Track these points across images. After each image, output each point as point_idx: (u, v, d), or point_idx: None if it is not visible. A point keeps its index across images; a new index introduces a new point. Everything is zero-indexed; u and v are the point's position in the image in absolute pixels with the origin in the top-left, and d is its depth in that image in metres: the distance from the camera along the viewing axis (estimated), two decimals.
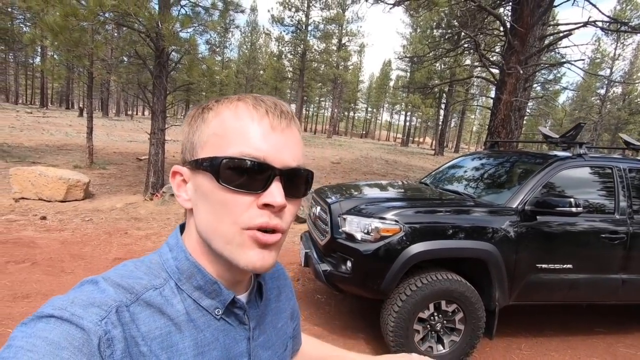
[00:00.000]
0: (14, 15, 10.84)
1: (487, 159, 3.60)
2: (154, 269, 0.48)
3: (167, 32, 5.08)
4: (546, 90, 29.24)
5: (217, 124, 0.46)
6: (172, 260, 0.49)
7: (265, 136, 0.45)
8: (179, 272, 0.48)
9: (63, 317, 0.38)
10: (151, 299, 0.44)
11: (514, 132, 9.61)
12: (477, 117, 59.77)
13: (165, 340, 0.44)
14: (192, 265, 0.48)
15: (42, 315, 0.38)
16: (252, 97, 0.48)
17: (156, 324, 0.44)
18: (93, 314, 0.39)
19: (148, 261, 0.49)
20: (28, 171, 5.94)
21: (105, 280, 0.44)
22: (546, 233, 2.59)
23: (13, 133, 13.63)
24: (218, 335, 0.49)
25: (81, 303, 0.40)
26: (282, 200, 0.45)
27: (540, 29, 9.74)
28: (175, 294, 0.47)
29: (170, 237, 0.52)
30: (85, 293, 0.42)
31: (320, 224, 2.89)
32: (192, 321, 0.47)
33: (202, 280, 0.48)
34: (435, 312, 2.47)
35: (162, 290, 0.46)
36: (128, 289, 0.44)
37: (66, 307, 0.39)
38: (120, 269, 0.47)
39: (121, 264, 0.48)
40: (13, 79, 45.96)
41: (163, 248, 0.51)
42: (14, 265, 3.55)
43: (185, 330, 0.46)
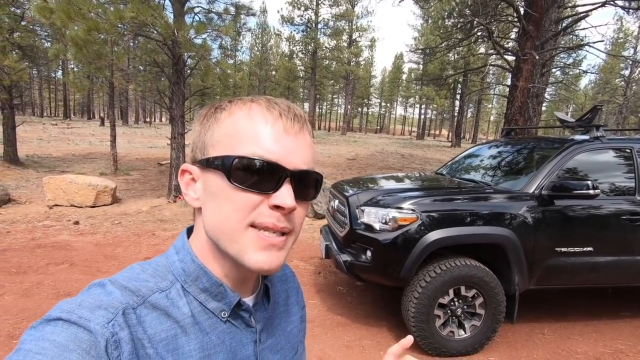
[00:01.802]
0: (38, 33, 11.39)
1: (503, 147, 3.60)
2: (161, 271, 0.48)
3: (183, 39, 5.27)
4: (566, 74, 28.31)
5: (229, 124, 0.46)
6: (179, 262, 0.49)
7: (278, 138, 0.45)
8: (185, 274, 0.48)
9: (71, 319, 0.38)
10: (157, 301, 0.45)
11: (532, 119, 9.43)
12: (495, 106, 58.38)
13: (171, 342, 0.44)
14: (198, 267, 0.48)
15: (50, 319, 0.39)
16: (265, 99, 0.48)
17: (162, 326, 0.44)
18: (100, 317, 0.39)
19: (155, 264, 0.49)
20: (59, 179, 6.28)
21: (112, 283, 0.44)
22: (564, 217, 2.60)
23: (41, 144, 14.31)
24: (224, 338, 0.49)
25: (88, 306, 0.40)
26: (292, 203, 0.45)
27: (556, 11, 9.49)
28: (181, 297, 0.47)
29: (177, 240, 0.52)
30: (93, 296, 0.42)
31: (339, 217, 2.99)
32: (198, 324, 0.47)
33: (207, 283, 0.48)
34: (455, 297, 2.52)
35: (168, 293, 0.46)
36: (135, 292, 0.44)
37: (74, 310, 0.39)
38: (127, 271, 0.48)
39: (128, 266, 0.49)
40: (37, 92, 47.98)
41: (170, 250, 0.51)
42: (54, 266, 3.81)
43: (191, 333, 0.46)
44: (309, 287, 3.65)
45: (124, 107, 35.94)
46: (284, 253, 0.48)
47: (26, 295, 3.17)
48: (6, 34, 8.68)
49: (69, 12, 4.61)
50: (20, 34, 10.10)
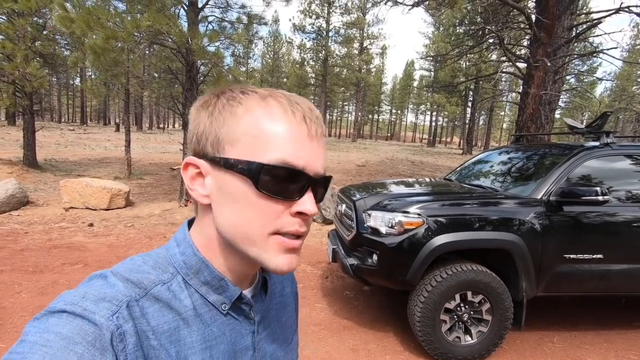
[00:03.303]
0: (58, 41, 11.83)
1: (512, 153, 3.60)
2: (162, 263, 0.48)
3: (197, 47, 5.42)
4: (580, 82, 27.87)
5: (250, 123, 0.45)
6: (180, 255, 0.49)
7: (304, 144, 0.45)
8: (187, 267, 0.48)
9: (75, 312, 0.38)
10: (159, 293, 0.45)
11: (545, 126, 9.31)
12: (507, 114, 57.71)
13: (173, 334, 0.44)
14: (200, 260, 0.48)
15: (54, 311, 0.38)
16: (285, 98, 0.47)
17: (165, 318, 0.44)
18: (105, 309, 0.39)
19: (155, 255, 0.49)
20: (75, 182, 6.47)
21: (114, 274, 0.44)
22: (573, 223, 2.58)
23: (59, 149, 14.73)
24: (224, 330, 0.49)
25: (92, 298, 0.40)
26: (315, 209, 0.46)
27: (569, 18, 9.42)
28: (182, 289, 0.47)
29: (178, 232, 0.52)
30: (96, 288, 0.42)
31: (346, 221, 3.02)
32: (199, 316, 0.47)
33: (209, 276, 0.48)
34: (462, 302, 2.52)
35: (169, 285, 0.46)
36: (137, 284, 0.44)
37: (78, 302, 0.39)
38: (128, 263, 0.47)
39: (129, 258, 0.49)
40: (56, 99, 49.47)
41: (170, 243, 0.51)
42: (69, 266, 3.92)
43: (192, 324, 0.46)
44: (316, 291, 3.67)
45: (138, 113, 36.75)
46: (299, 254, 0.49)
47: (42, 294, 3.27)
48: (29, 42, 9.02)
49: (89, 21, 4.80)
50: (42, 42, 10.50)
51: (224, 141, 0.45)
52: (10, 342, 2.56)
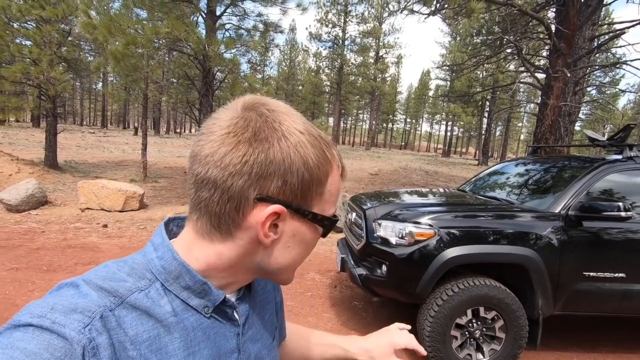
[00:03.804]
0: (82, 47, 12.29)
1: (529, 165, 3.49)
2: (138, 269, 0.46)
3: (213, 54, 5.51)
4: (602, 93, 27.16)
5: (332, 182, 0.49)
6: (158, 260, 0.46)
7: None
8: (166, 272, 0.46)
9: (43, 325, 0.35)
10: (137, 301, 0.43)
11: (564, 138, 9.08)
12: (525, 125, 56.67)
13: (154, 342, 0.42)
14: (180, 265, 0.46)
15: (19, 324, 0.36)
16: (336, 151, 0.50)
17: (144, 327, 0.42)
18: (75, 321, 0.37)
19: (131, 261, 0.47)
20: (92, 184, 6.61)
21: (87, 283, 0.42)
22: (593, 239, 2.47)
23: (79, 151, 15.16)
24: (208, 334, 0.48)
25: (62, 309, 0.37)
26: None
27: (590, 29, 9.21)
28: (162, 296, 0.45)
29: (155, 236, 0.50)
30: (66, 298, 0.39)
31: (356, 230, 2.97)
32: (181, 322, 0.45)
33: (190, 281, 0.46)
34: (474, 318, 2.43)
35: (147, 292, 0.44)
36: (112, 292, 0.42)
37: (45, 314, 0.36)
38: (101, 270, 0.45)
39: (102, 264, 0.47)
40: (79, 102, 51.17)
41: (147, 247, 0.49)
42: (82, 266, 3.98)
43: (174, 331, 0.44)
44: (324, 300, 3.61)
45: (156, 118, 37.64)
46: None
47: None
48: (54, 48, 9.36)
49: (110, 27, 4.94)
50: (66, 48, 10.90)
51: (312, 193, 0.47)
52: None
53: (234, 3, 6.52)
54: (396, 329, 0.77)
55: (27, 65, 8.85)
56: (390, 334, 0.75)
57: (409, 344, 0.73)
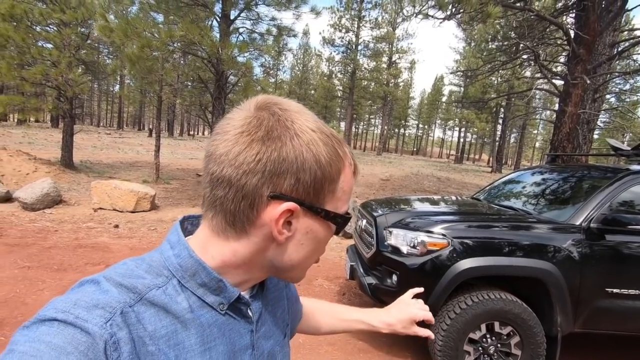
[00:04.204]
0: (101, 50, 12.59)
1: (547, 174, 3.37)
2: (155, 267, 0.47)
3: (227, 57, 5.54)
4: (622, 101, 26.46)
5: (344, 180, 0.49)
6: (174, 257, 0.48)
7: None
8: (182, 269, 0.47)
9: (67, 320, 0.37)
10: (155, 298, 0.44)
11: (582, 146, 8.83)
12: (540, 132, 55.62)
13: (171, 338, 0.44)
14: (196, 262, 0.47)
15: (44, 319, 0.37)
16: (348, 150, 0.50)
17: (162, 322, 0.43)
18: (97, 317, 0.38)
19: (149, 259, 0.48)
20: (105, 184, 6.70)
21: (107, 280, 0.43)
22: (617, 254, 2.35)
23: (94, 152, 15.46)
24: (223, 330, 0.49)
25: (84, 305, 0.39)
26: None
27: (611, 35, 8.98)
28: (179, 292, 0.46)
29: (171, 234, 0.51)
30: (88, 294, 0.41)
31: (366, 237, 2.90)
32: (197, 318, 0.47)
33: (206, 278, 0.47)
34: (488, 333, 2.33)
35: (165, 289, 0.45)
36: (131, 289, 0.43)
37: (69, 309, 0.38)
38: (121, 267, 0.46)
39: (121, 262, 0.48)
40: (96, 104, 52.42)
41: (164, 245, 0.50)
42: (91, 267, 4.00)
43: (191, 327, 0.46)
44: None
45: (170, 120, 38.24)
46: None
47: (63, 293, 3.33)
48: (73, 50, 9.59)
49: (126, 30, 5.01)
50: (85, 51, 11.15)
51: (325, 190, 0.47)
52: None
53: (248, 7, 6.56)
54: (412, 301, 0.82)
55: (47, 67, 9.08)
56: (409, 306, 0.80)
57: (425, 315, 0.79)
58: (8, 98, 9.33)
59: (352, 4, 30.84)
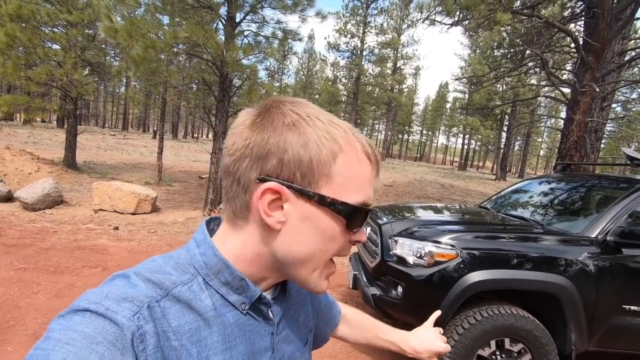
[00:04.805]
0: (106, 52, 12.62)
1: (557, 183, 3.27)
2: (182, 264, 0.48)
3: (231, 60, 5.48)
4: (628, 110, 26.24)
5: (344, 164, 0.46)
6: (200, 255, 0.49)
7: (372, 184, 0.49)
8: (207, 267, 0.48)
9: (98, 311, 0.39)
10: (180, 294, 0.45)
11: (590, 155, 8.71)
12: (545, 140, 55.33)
13: (194, 334, 0.44)
14: (220, 261, 0.48)
15: (78, 309, 0.39)
16: (361, 138, 0.49)
17: (185, 318, 0.44)
18: (126, 309, 0.40)
19: (176, 256, 0.50)
20: (107, 185, 6.65)
21: (137, 275, 0.45)
22: (635, 269, 2.24)
23: (98, 152, 15.48)
24: (244, 330, 0.50)
25: (115, 298, 0.40)
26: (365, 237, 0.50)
27: (620, 43, 8.89)
28: (203, 290, 0.47)
29: (197, 233, 0.52)
30: (118, 287, 0.42)
31: (371, 246, 2.80)
32: (220, 316, 0.47)
33: (230, 277, 0.48)
34: (498, 350, 2.21)
35: (190, 286, 0.46)
36: (158, 284, 0.44)
37: (100, 301, 0.40)
38: (150, 263, 0.48)
39: (150, 258, 0.49)
40: (102, 105, 52.77)
41: (190, 244, 0.51)
42: (89, 269, 3.92)
43: (213, 325, 0.46)
44: None
45: (175, 122, 38.35)
46: None
47: (58, 296, 3.25)
48: (78, 51, 9.61)
49: (131, 31, 4.98)
50: (91, 52, 11.18)
51: (316, 173, 0.46)
52: (18, 346, 2.51)
53: (253, 10, 6.52)
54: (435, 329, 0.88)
55: (52, 68, 9.10)
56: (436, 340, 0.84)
57: (446, 348, 0.85)
58: (13, 97, 9.35)
59: (358, 10, 30.93)
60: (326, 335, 0.77)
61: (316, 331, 0.71)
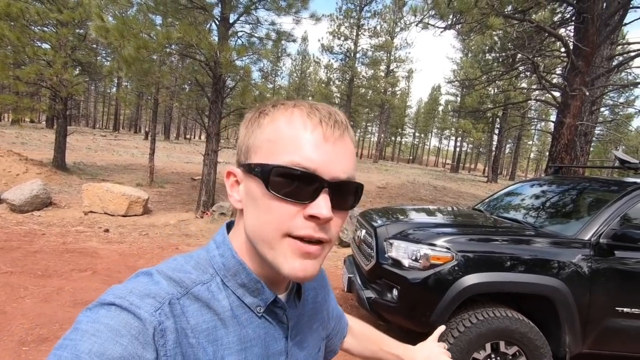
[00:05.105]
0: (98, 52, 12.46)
1: (550, 186, 3.29)
2: (202, 264, 0.50)
3: (225, 61, 5.44)
4: (616, 114, 26.75)
5: (271, 130, 0.47)
6: (219, 257, 0.50)
7: (317, 146, 0.45)
8: (225, 268, 0.49)
9: (123, 305, 0.40)
10: (199, 293, 0.46)
11: (580, 158, 8.84)
12: (536, 143, 56.07)
13: (211, 333, 0.45)
14: (238, 263, 0.50)
15: (104, 303, 0.41)
16: (307, 105, 0.49)
17: (203, 317, 0.45)
18: (149, 305, 0.41)
19: (196, 256, 0.51)
20: (97, 187, 6.53)
21: (159, 272, 0.46)
22: (627, 271, 2.26)
23: (89, 153, 15.24)
24: (259, 332, 0.50)
25: (138, 293, 0.42)
26: (329, 213, 0.45)
27: (609, 48, 9.06)
28: (220, 290, 0.48)
29: (217, 235, 0.54)
30: (142, 284, 0.44)
31: (365, 248, 2.78)
32: (236, 317, 0.48)
33: (246, 279, 0.49)
34: (493, 353, 2.21)
35: (209, 286, 0.48)
36: (179, 283, 0.46)
37: (125, 296, 0.42)
38: (171, 262, 0.50)
39: (172, 257, 0.51)
40: (93, 106, 52.08)
41: (210, 245, 0.53)
42: (78, 273, 3.84)
43: (229, 325, 0.47)
44: None
45: (167, 123, 37.99)
46: (319, 261, 0.48)
47: (45, 301, 3.17)
48: (69, 50, 9.46)
49: (122, 31, 4.91)
50: (82, 52, 11.02)
51: (251, 150, 0.48)
52: (3, 353, 2.44)
53: (247, 11, 6.48)
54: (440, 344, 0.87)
55: (42, 67, 8.93)
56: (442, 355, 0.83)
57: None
58: (0, 97, 9.16)
59: (352, 13, 31.06)
60: (336, 347, 0.77)
61: (327, 341, 0.71)
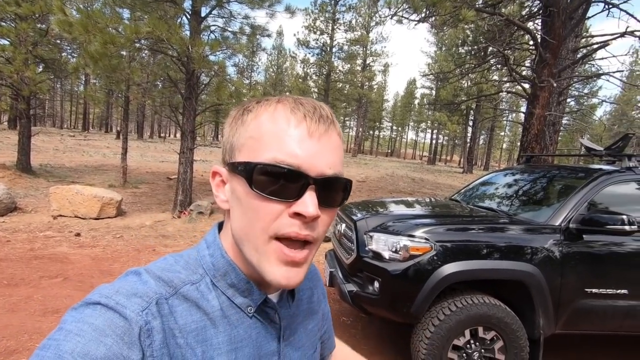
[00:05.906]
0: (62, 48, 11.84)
1: (522, 174, 3.40)
2: (192, 264, 0.49)
3: (197, 56, 5.29)
4: (581, 104, 28.02)
5: (254, 127, 0.46)
6: (209, 257, 0.50)
7: (301, 142, 0.44)
8: (214, 269, 0.49)
9: (108, 305, 0.40)
10: (188, 293, 0.46)
11: (549, 147, 9.18)
12: (507, 134, 57.97)
13: (200, 334, 0.44)
14: (227, 263, 0.49)
15: (90, 302, 0.40)
16: (292, 100, 0.48)
17: (192, 317, 0.45)
18: (135, 304, 0.40)
19: (186, 256, 0.51)
20: (66, 190, 6.24)
21: (148, 272, 0.46)
22: (595, 254, 2.36)
23: (56, 154, 14.54)
24: (250, 333, 0.49)
25: (125, 293, 0.41)
26: (315, 211, 0.43)
27: (574, 41, 9.41)
28: (210, 290, 0.48)
29: (208, 234, 0.53)
30: (130, 283, 0.43)
31: (346, 242, 2.79)
32: (226, 317, 0.47)
33: (235, 279, 0.49)
34: (472, 339, 2.27)
35: (198, 286, 0.47)
36: (168, 282, 0.45)
37: (112, 295, 0.41)
38: (161, 262, 0.49)
39: (162, 257, 0.50)
40: (59, 105, 49.67)
41: (201, 244, 0.52)
42: (47, 280, 3.66)
43: (219, 325, 0.46)
44: None
45: (140, 122, 36.75)
46: (305, 268, 0.47)
47: (12, 311, 3.00)
48: (29, 46, 8.95)
49: (87, 25, 4.67)
50: (44, 47, 10.44)
51: (235, 148, 0.47)
52: None
53: (220, 4, 6.30)
54: None
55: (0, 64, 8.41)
56: None
57: None
58: None
59: (327, 7, 30.93)
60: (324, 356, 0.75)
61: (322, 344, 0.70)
